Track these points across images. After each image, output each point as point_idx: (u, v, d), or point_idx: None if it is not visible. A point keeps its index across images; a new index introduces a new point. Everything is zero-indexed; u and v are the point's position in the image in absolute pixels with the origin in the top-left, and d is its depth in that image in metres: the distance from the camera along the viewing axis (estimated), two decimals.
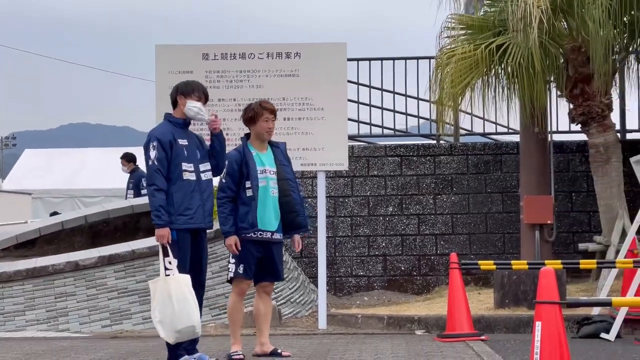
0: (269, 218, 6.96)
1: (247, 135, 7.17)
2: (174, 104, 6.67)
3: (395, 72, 12.76)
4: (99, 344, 8.28)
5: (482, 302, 10.30)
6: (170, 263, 6.23)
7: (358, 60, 12.71)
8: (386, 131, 13.16)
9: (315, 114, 9.58)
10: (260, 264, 7.02)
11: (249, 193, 6.92)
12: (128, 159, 14.24)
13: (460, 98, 10.83)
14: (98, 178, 22.43)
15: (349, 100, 11.02)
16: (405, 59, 12.81)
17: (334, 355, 7.17)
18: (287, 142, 9.44)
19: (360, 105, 12.82)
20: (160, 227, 6.28)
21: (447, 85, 10.63)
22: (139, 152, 25.28)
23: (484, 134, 13.17)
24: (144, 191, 13.66)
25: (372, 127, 13.03)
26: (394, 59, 12.82)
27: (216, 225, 7.42)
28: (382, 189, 12.29)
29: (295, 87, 9.55)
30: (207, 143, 6.75)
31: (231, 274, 6.99)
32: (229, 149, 7.55)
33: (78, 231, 11.92)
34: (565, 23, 10.80)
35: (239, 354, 6.90)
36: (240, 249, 6.86)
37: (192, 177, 6.46)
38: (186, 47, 9.95)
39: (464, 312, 8.34)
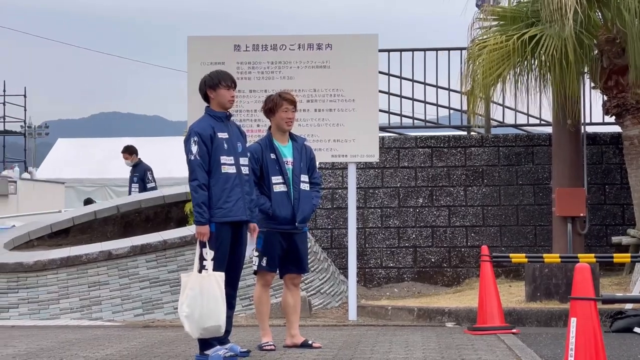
0: (291, 210, 6.92)
1: (270, 128, 7.12)
2: (206, 98, 6.63)
3: (427, 63, 12.71)
4: (131, 333, 8.35)
5: (513, 294, 10.26)
6: (207, 254, 6.23)
7: (389, 51, 12.67)
8: (417, 122, 13.12)
9: (346, 105, 9.57)
10: (286, 256, 7.01)
11: (277, 188, 6.88)
12: (130, 151, 13.93)
13: (492, 89, 10.76)
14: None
15: (380, 92, 11.00)
16: (437, 49, 12.75)
17: (365, 347, 7.18)
18: (318, 133, 9.54)
19: (391, 97, 12.79)
20: (201, 225, 6.28)
21: (478, 77, 10.56)
22: (169, 142, 25.47)
23: (515, 126, 13.08)
24: (149, 185, 13.61)
25: (403, 118, 13.01)
26: (425, 49, 12.76)
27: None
28: (413, 180, 12.26)
29: (326, 79, 9.54)
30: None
31: (255, 267, 7.03)
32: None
33: (110, 221, 12.02)
34: (599, 14, 10.68)
35: (270, 344, 6.93)
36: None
37: (232, 170, 6.42)
38: (218, 39, 9.97)
39: (495, 304, 8.31)
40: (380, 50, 10.31)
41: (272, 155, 6.94)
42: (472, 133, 12.73)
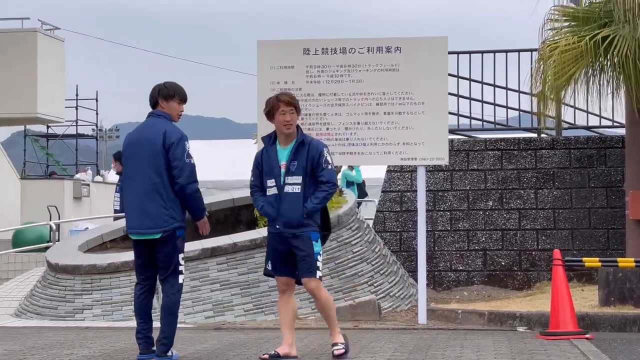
0: (276, 211, 6.76)
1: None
2: (155, 105, 6.90)
3: (496, 65, 12.59)
4: (202, 335, 8.45)
5: (586, 299, 10.10)
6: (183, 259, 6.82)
7: (458, 53, 12.59)
8: (486, 124, 13.00)
9: (415, 108, 9.55)
10: (289, 260, 6.75)
11: (270, 191, 6.77)
12: (115, 158, 13.08)
13: (563, 91, 10.62)
14: (199, 170, 22.85)
15: (449, 94, 10.93)
16: (507, 51, 12.62)
17: (435, 352, 7.15)
18: (387, 137, 9.52)
19: (460, 99, 12.70)
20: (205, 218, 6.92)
21: (549, 78, 10.44)
22: (237, 145, 25.46)
23: (587, 127, 12.88)
24: None
25: (472, 120, 12.91)
26: (494, 51, 12.64)
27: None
28: (482, 183, 12.16)
29: (395, 82, 9.53)
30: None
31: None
32: (328, 143, 7.64)
33: None
34: None
35: (270, 352, 6.64)
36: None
37: None
38: (287, 42, 10.03)
39: (567, 309, 8.21)
40: (449, 53, 10.26)
41: (267, 160, 6.84)
42: (542, 135, 12.57)
